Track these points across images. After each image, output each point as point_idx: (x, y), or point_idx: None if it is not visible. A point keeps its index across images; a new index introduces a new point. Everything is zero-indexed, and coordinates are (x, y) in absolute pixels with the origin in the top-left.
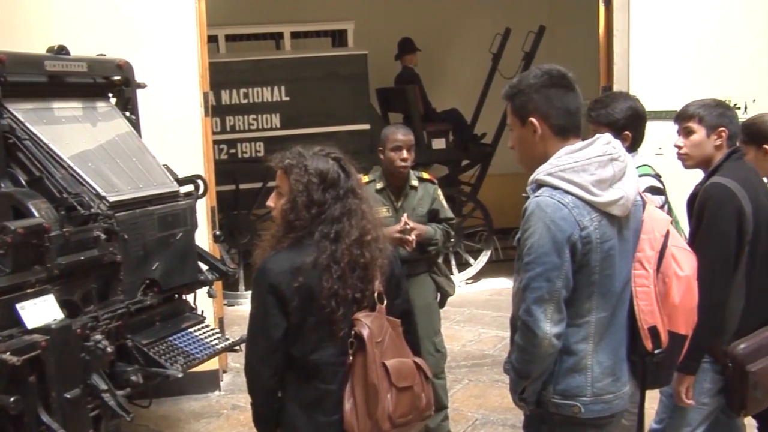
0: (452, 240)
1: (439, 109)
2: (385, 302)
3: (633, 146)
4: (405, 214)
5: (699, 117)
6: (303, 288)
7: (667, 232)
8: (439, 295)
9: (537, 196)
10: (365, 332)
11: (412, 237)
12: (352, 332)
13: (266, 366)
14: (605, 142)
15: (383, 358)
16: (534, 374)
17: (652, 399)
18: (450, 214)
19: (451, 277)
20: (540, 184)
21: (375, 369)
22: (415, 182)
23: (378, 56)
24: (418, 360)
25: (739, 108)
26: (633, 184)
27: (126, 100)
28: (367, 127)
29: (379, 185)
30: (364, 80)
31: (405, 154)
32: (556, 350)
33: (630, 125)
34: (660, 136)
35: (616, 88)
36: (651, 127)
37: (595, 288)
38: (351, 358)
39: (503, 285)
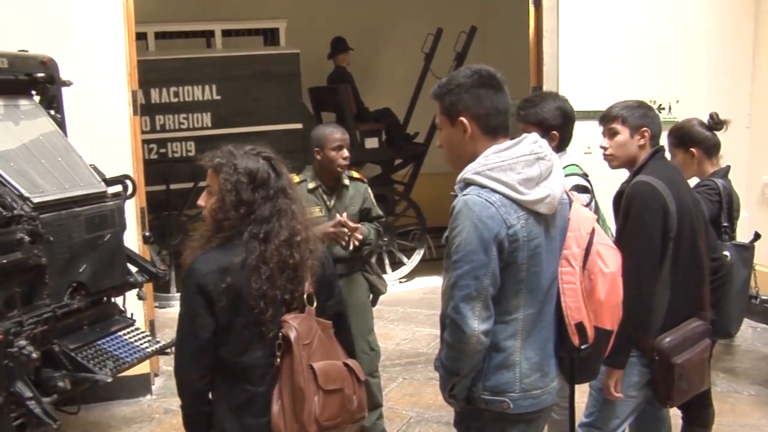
0: (385, 239)
1: (371, 108)
2: (315, 304)
3: (561, 146)
4: (344, 213)
5: (622, 118)
6: (231, 289)
7: (593, 230)
8: (371, 293)
9: (465, 195)
10: (292, 334)
11: (358, 236)
12: (280, 334)
13: (195, 367)
14: (532, 141)
15: (311, 360)
16: (463, 371)
17: (582, 393)
18: (380, 212)
19: (383, 275)
20: (468, 183)
21: (302, 371)
22: (346, 181)
23: (310, 55)
24: (350, 362)
25: (663, 109)
26: (559, 182)
27: (50, 98)
28: (299, 126)
29: (311, 185)
30: (296, 79)
31: (346, 152)
32: (485, 347)
33: (558, 125)
34: (588, 136)
35: (545, 88)
36: (579, 127)
37: (523, 285)
38: (279, 360)
39: (436, 283)
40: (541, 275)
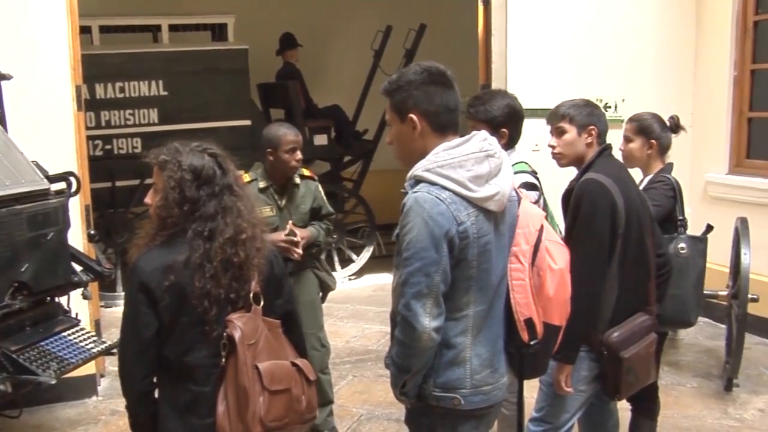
0: (334, 236)
1: (320, 105)
2: (262, 303)
3: (510, 143)
4: (290, 222)
5: (570, 117)
6: (174, 287)
7: (542, 227)
8: (321, 290)
9: (415, 192)
10: (236, 334)
11: (299, 249)
12: (225, 334)
13: (139, 367)
14: (481, 139)
15: (257, 360)
16: (414, 368)
17: (532, 388)
18: (330, 209)
19: (332, 272)
20: (418, 180)
21: (246, 372)
22: (297, 180)
23: (259, 51)
24: (299, 362)
25: (609, 107)
26: (508, 180)
27: None
28: (248, 123)
29: (261, 184)
30: (244, 75)
31: (299, 154)
32: (436, 344)
33: (507, 122)
34: (536, 134)
35: (494, 86)
36: (527, 125)
37: (473, 282)
38: (224, 360)
39: (386, 280)
40: (491, 272)
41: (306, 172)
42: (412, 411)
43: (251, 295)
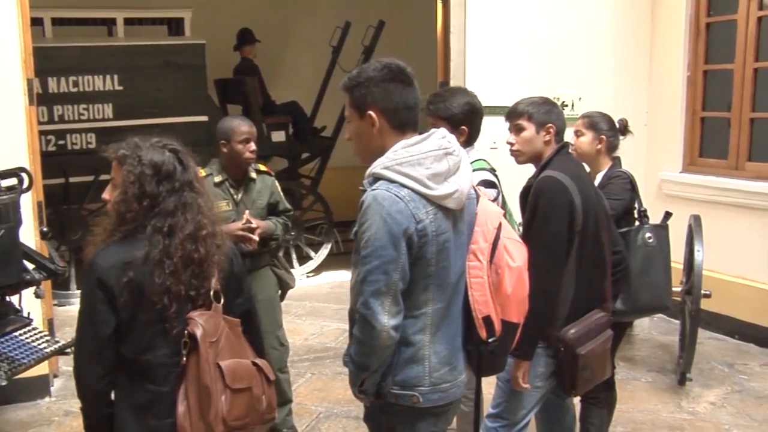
0: (292, 233)
1: (278, 101)
2: (222, 300)
3: (469, 141)
4: (247, 212)
5: (528, 114)
6: (133, 283)
7: (500, 225)
8: (279, 288)
9: (374, 190)
10: (198, 332)
11: (255, 236)
12: (186, 332)
13: (95, 366)
14: (441, 137)
15: (218, 358)
16: (373, 366)
17: (489, 384)
18: (287, 205)
19: (291, 270)
20: (377, 178)
21: (208, 370)
22: (253, 174)
23: (216, 46)
24: (259, 361)
25: (566, 105)
26: (467, 177)
27: None
28: (205, 118)
29: (217, 178)
30: (201, 71)
31: (253, 145)
32: (394, 342)
33: (467, 120)
34: (494, 131)
35: (453, 83)
36: (486, 122)
37: (432, 280)
38: (184, 358)
39: (344, 278)
40: (449, 270)
41: (262, 168)
42: (371, 409)
43: (212, 292)
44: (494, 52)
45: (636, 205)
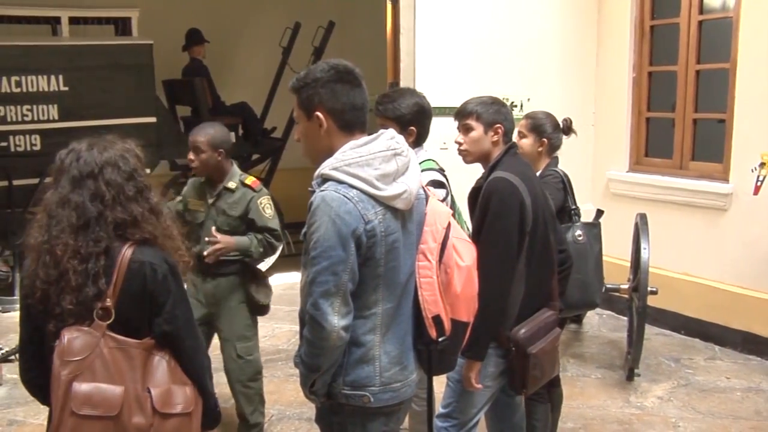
0: (275, 252)
1: (228, 102)
2: (110, 319)
3: (418, 141)
4: (213, 228)
5: (477, 114)
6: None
7: (449, 225)
8: (250, 303)
9: (322, 191)
10: (57, 347)
11: (211, 251)
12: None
13: (22, 362)
14: (389, 137)
15: (80, 378)
16: (323, 367)
17: (440, 384)
18: (271, 224)
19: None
20: (325, 179)
21: (56, 389)
22: (232, 185)
23: (164, 47)
24: (156, 391)
25: (515, 106)
26: (416, 178)
27: None
28: (152, 119)
29: (203, 178)
30: (149, 71)
31: (192, 155)
32: (345, 342)
33: (415, 120)
34: (444, 132)
35: (402, 84)
36: (436, 123)
37: (381, 280)
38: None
39: (295, 279)
40: (398, 270)
41: (248, 181)
42: (322, 410)
43: (99, 309)
44: (444, 53)
45: (569, 204)
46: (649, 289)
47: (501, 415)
